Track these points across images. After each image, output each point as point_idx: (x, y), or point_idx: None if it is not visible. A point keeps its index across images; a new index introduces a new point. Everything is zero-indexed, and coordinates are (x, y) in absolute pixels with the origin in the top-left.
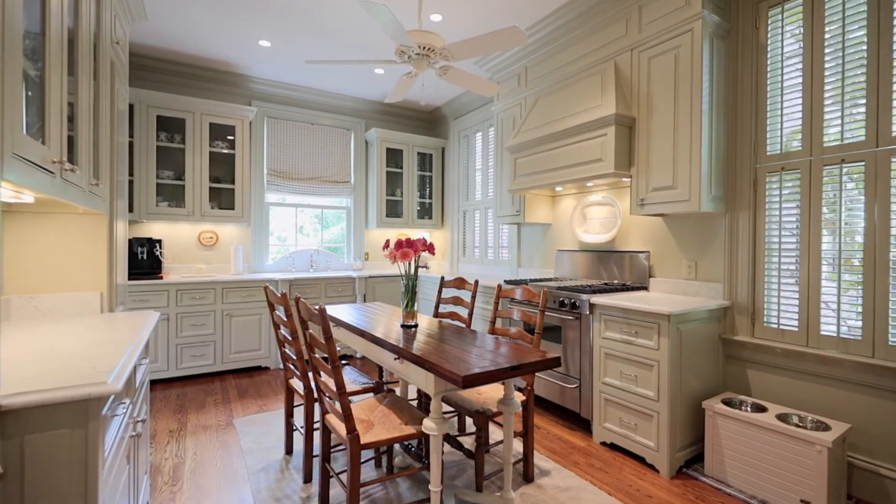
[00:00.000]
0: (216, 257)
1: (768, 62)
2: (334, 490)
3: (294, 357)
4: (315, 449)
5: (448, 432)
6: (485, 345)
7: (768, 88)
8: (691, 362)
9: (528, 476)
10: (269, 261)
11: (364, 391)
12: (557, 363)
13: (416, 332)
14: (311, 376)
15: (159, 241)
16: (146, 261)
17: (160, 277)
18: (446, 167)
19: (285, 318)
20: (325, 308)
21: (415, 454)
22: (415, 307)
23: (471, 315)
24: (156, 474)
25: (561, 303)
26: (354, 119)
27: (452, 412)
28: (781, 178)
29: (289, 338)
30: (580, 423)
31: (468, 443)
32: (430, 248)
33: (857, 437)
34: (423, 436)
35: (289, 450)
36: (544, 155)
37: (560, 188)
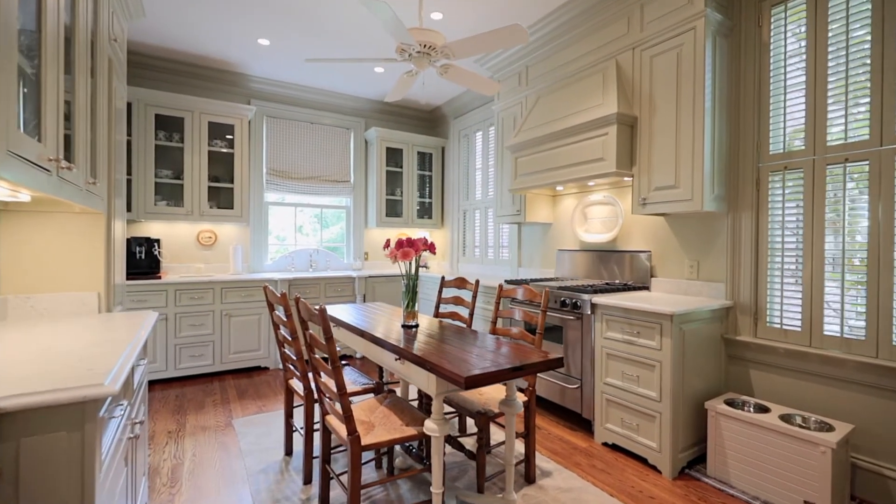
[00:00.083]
0: (215, 257)
1: (771, 61)
2: (334, 492)
3: (294, 357)
4: (315, 450)
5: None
6: (486, 345)
7: (771, 87)
8: (694, 362)
9: (530, 477)
10: (269, 260)
11: (364, 392)
12: (560, 364)
13: (417, 333)
14: (311, 377)
15: (158, 241)
16: (144, 260)
17: (158, 277)
18: (446, 166)
19: (285, 319)
20: (326, 308)
21: (416, 455)
22: (415, 307)
23: (471, 315)
24: (154, 476)
25: (562, 303)
26: (354, 118)
27: (453, 413)
28: (784, 178)
29: (288, 338)
30: (581, 424)
31: (469, 444)
32: (432, 248)
33: (861, 438)
34: (425, 437)
35: (288, 451)
36: (545, 154)
37: (561, 188)
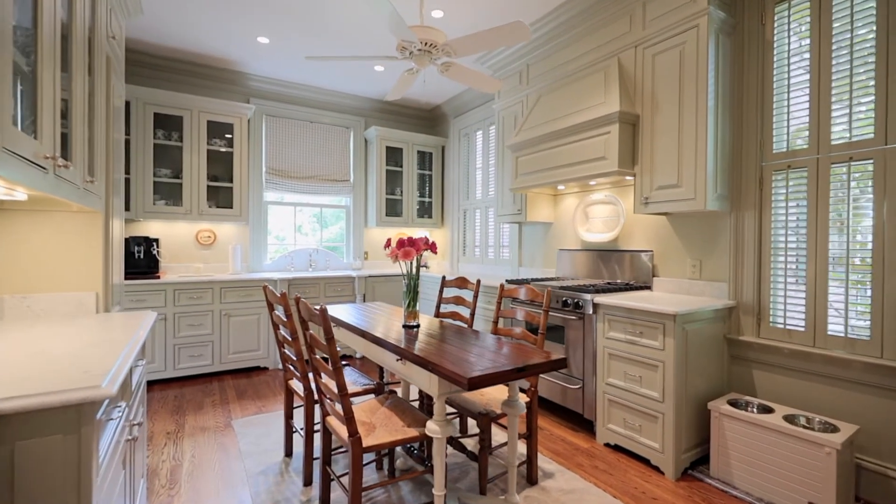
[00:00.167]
0: (214, 256)
1: (774, 59)
2: (335, 493)
3: (294, 358)
4: (315, 451)
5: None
6: (488, 345)
7: (774, 85)
8: (697, 363)
9: (532, 478)
10: (268, 260)
11: (365, 392)
12: (564, 364)
13: (418, 333)
14: (312, 377)
15: (156, 240)
16: (143, 260)
17: (157, 277)
18: (446, 166)
19: (285, 319)
20: (326, 308)
21: (417, 457)
22: (416, 307)
23: (472, 315)
24: (153, 477)
25: (564, 302)
26: (354, 117)
27: (455, 413)
28: (788, 177)
29: (288, 338)
30: (583, 425)
31: (471, 445)
32: (433, 248)
33: (865, 439)
34: (426, 438)
35: (288, 452)
36: (546, 153)
37: (562, 187)
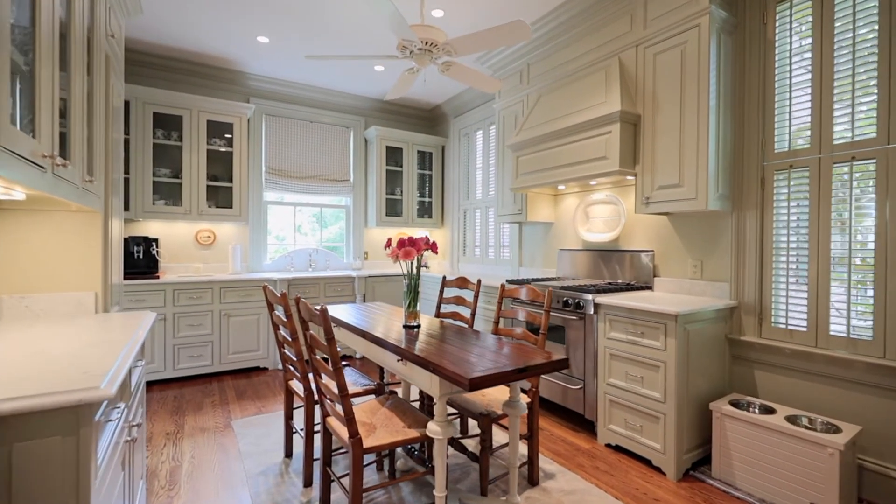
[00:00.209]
0: (214, 256)
1: (776, 58)
2: (335, 494)
3: (294, 358)
4: (315, 452)
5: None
6: (489, 346)
7: (776, 85)
8: (698, 363)
9: (533, 479)
10: (268, 260)
11: (365, 393)
12: (566, 365)
13: (419, 333)
14: (312, 378)
15: (156, 240)
16: (142, 260)
17: (157, 277)
18: (446, 165)
19: (285, 319)
20: (326, 308)
21: (418, 457)
22: (417, 307)
23: (473, 315)
24: (152, 478)
25: (565, 303)
26: (354, 117)
27: (455, 414)
28: (790, 176)
29: (288, 339)
30: (584, 425)
31: (471, 445)
32: (433, 247)
33: (868, 439)
34: (427, 439)
35: (288, 453)
36: (547, 153)
37: (563, 187)
